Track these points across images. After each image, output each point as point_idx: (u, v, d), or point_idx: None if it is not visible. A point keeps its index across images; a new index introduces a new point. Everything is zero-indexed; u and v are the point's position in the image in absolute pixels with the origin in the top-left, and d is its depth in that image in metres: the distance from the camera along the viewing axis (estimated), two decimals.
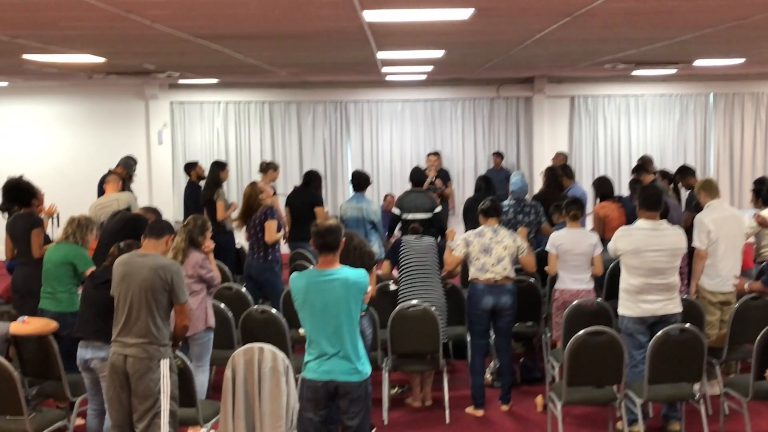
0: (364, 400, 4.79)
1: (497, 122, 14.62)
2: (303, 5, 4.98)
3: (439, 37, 6.90)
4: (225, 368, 5.28)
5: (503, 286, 6.64)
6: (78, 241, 6.47)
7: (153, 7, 4.89)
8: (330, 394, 4.76)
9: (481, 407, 6.77)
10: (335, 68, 10.72)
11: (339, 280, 4.72)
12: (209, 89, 14.17)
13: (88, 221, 6.59)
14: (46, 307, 6.41)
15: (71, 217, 6.66)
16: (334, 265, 4.78)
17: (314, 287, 4.74)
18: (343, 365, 4.71)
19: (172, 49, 7.38)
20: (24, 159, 13.33)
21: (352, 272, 4.78)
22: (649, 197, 6.16)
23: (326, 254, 4.77)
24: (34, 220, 7.19)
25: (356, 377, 4.73)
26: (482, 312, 6.66)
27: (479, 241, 6.68)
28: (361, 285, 4.77)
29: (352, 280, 4.73)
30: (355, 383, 4.73)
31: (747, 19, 5.84)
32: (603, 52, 8.75)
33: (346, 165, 14.48)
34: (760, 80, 14.15)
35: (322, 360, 4.73)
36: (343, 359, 4.71)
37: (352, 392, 4.73)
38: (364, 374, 4.77)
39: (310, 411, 4.81)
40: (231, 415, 5.19)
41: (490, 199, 7.03)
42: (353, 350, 4.73)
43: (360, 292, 4.77)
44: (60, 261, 6.42)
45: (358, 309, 4.78)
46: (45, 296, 6.48)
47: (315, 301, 4.72)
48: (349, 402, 4.75)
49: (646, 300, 6.01)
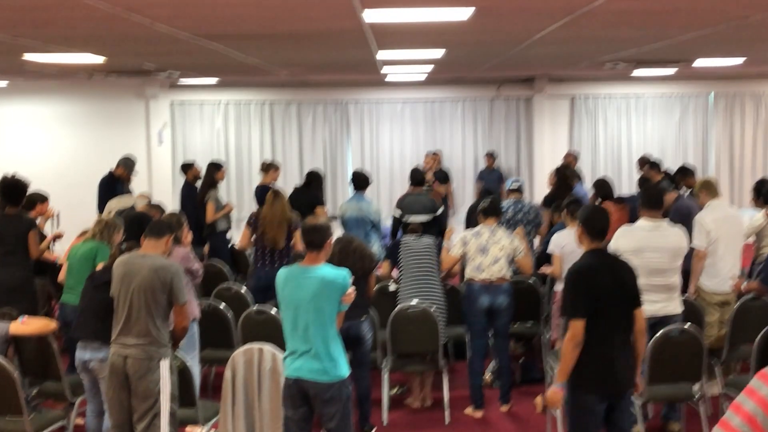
0: (339, 402, 4.70)
1: (497, 122, 14.62)
2: (303, 5, 4.98)
3: (439, 37, 6.90)
4: (225, 368, 5.30)
5: (499, 286, 6.63)
6: (105, 240, 6.54)
7: (153, 6, 4.89)
8: (302, 393, 4.73)
9: (480, 408, 6.77)
10: (335, 68, 10.72)
11: (315, 277, 4.70)
12: (209, 89, 14.18)
13: (115, 222, 6.68)
14: (68, 301, 6.46)
15: (99, 218, 6.78)
16: (317, 262, 4.79)
17: (291, 282, 4.75)
18: (311, 364, 4.67)
19: (172, 49, 7.38)
20: (24, 159, 13.34)
21: (330, 271, 4.75)
22: (651, 197, 6.16)
23: (311, 251, 4.80)
24: (30, 222, 7.20)
25: (325, 378, 4.66)
26: (478, 312, 6.65)
27: (476, 240, 6.68)
28: (338, 284, 4.71)
29: (328, 278, 4.70)
30: (324, 384, 4.66)
31: (747, 19, 5.83)
32: (603, 52, 8.75)
33: (346, 165, 14.49)
34: (760, 80, 14.16)
35: (294, 357, 4.73)
36: (313, 358, 4.67)
37: (322, 393, 4.67)
38: (335, 376, 4.68)
39: (289, 409, 4.79)
40: (231, 415, 5.20)
41: (490, 198, 7.02)
42: (324, 350, 4.67)
43: (336, 291, 4.70)
44: (84, 256, 6.48)
45: (333, 309, 4.71)
46: (67, 290, 6.55)
47: (289, 297, 4.73)
48: (321, 403, 4.71)
49: (647, 300, 5.98)
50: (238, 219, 13.64)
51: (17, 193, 7.31)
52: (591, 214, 4.80)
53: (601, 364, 4.49)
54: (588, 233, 4.71)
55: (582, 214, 4.83)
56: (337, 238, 6.63)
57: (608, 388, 4.53)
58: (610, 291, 4.56)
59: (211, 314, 6.62)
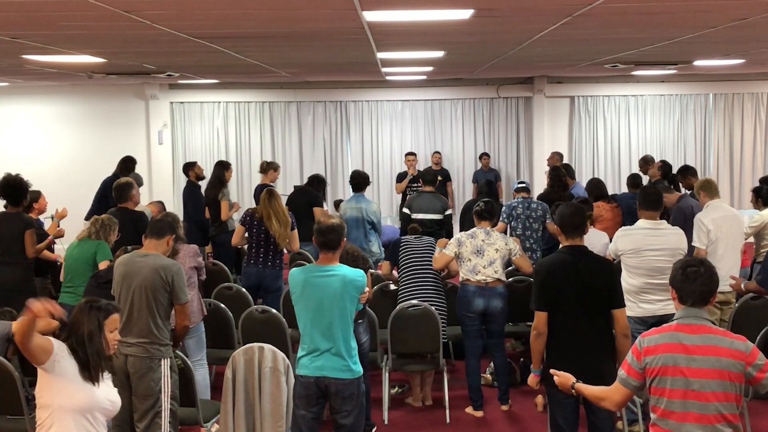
0: (357, 398, 4.80)
1: (497, 122, 14.63)
2: (303, 5, 4.99)
3: (439, 37, 6.90)
4: (225, 368, 5.30)
5: (494, 289, 6.63)
6: (102, 239, 6.55)
7: (153, 7, 4.89)
8: (321, 391, 4.77)
9: (480, 407, 6.78)
10: (335, 68, 10.72)
11: (337, 276, 4.74)
12: (209, 89, 14.18)
13: (111, 221, 6.71)
14: (66, 302, 6.45)
15: (95, 217, 6.78)
16: (333, 262, 4.81)
17: (311, 282, 4.76)
18: (335, 362, 4.72)
19: (172, 49, 7.38)
20: (24, 159, 13.35)
21: (350, 271, 4.81)
22: (649, 197, 6.17)
23: (326, 252, 4.82)
24: (27, 221, 7.20)
25: (348, 375, 4.74)
26: (473, 314, 6.65)
27: (471, 242, 6.67)
28: (358, 283, 4.78)
29: (349, 277, 4.76)
30: (347, 381, 4.74)
31: (747, 19, 5.84)
32: (603, 52, 8.75)
33: (346, 165, 14.49)
34: (760, 80, 14.16)
35: (314, 356, 4.74)
36: (336, 356, 4.72)
37: (344, 390, 4.74)
38: (356, 372, 4.78)
39: (302, 408, 4.81)
40: (231, 415, 5.20)
41: (485, 201, 7.01)
42: (346, 348, 4.74)
43: (357, 290, 4.78)
44: (82, 256, 6.48)
45: (353, 308, 4.79)
46: (65, 290, 6.55)
47: (311, 296, 4.74)
48: (341, 400, 4.76)
49: (647, 300, 6.02)
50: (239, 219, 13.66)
51: (18, 193, 7.31)
52: (564, 211, 4.94)
53: (562, 358, 4.62)
54: (562, 230, 4.91)
55: (557, 212, 5.02)
56: None
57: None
58: (571, 287, 4.71)
59: (212, 313, 6.62)
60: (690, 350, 3.39)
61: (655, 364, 3.42)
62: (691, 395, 3.37)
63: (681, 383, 3.39)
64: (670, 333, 3.46)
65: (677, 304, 3.55)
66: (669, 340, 3.44)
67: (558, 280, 4.74)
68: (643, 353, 3.47)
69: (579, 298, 4.71)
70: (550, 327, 4.76)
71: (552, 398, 4.88)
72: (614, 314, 4.77)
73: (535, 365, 4.94)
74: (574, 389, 3.86)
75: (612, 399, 3.64)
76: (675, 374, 3.39)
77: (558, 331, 4.75)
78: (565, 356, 4.64)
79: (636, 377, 3.51)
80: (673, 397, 3.40)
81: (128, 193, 7.57)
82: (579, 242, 4.88)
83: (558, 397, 4.75)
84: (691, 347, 3.39)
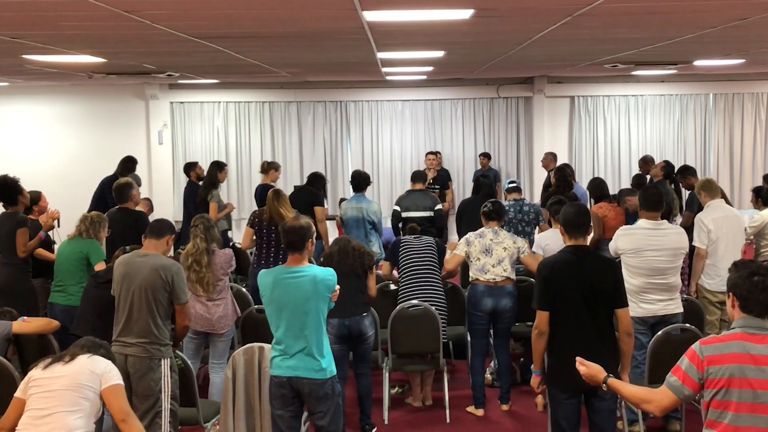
0: (332, 398, 4.78)
1: (497, 122, 14.62)
2: (303, 5, 4.98)
3: (439, 37, 6.90)
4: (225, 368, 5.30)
5: (503, 288, 6.64)
6: (92, 237, 6.53)
7: (153, 7, 4.89)
8: (295, 392, 4.76)
9: (481, 406, 6.78)
10: (335, 68, 10.72)
11: (307, 277, 4.72)
12: (209, 89, 14.17)
13: (100, 218, 6.69)
14: (56, 301, 6.44)
15: (84, 214, 6.73)
16: (302, 263, 4.80)
17: (281, 284, 4.74)
18: (307, 362, 4.71)
19: (172, 49, 7.38)
20: (24, 159, 13.35)
21: (320, 270, 4.80)
22: (650, 197, 6.17)
23: (292, 252, 4.80)
24: (19, 219, 7.15)
25: (320, 375, 4.72)
26: (482, 314, 6.66)
27: (480, 241, 6.69)
28: (328, 283, 4.77)
29: (320, 277, 4.74)
30: (319, 381, 4.72)
31: (747, 19, 5.84)
32: (603, 52, 8.75)
33: (346, 165, 14.48)
34: (760, 80, 14.15)
35: (286, 356, 4.74)
36: (308, 356, 4.71)
37: (317, 390, 4.72)
38: (329, 372, 4.76)
39: (279, 408, 4.81)
40: (231, 415, 5.20)
41: (492, 201, 7.04)
42: (318, 348, 4.72)
43: (328, 290, 4.77)
44: (73, 255, 6.45)
45: (325, 307, 4.78)
46: (55, 290, 6.52)
47: (281, 298, 4.73)
48: (315, 401, 4.75)
49: (647, 300, 6.02)
50: (238, 219, 13.66)
51: (12, 193, 7.26)
52: (567, 211, 4.92)
53: (563, 358, 4.59)
54: (565, 230, 4.88)
55: (561, 213, 5.01)
56: (335, 238, 6.68)
57: (568, 382, 4.61)
58: (573, 287, 4.68)
59: None
60: (759, 360, 3.17)
61: (721, 375, 3.20)
62: (759, 408, 3.16)
63: (749, 396, 3.17)
64: (737, 342, 3.22)
65: (737, 312, 3.29)
66: (737, 350, 3.20)
67: (561, 280, 4.73)
68: (706, 362, 3.23)
69: (582, 298, 4.69)
70: (552, 326, 4.75)
71: (553, 398, 4.86)
72: (618, 314, 4.76)
73: (536, 365, 4.94)
74: (606, 384, 3.65)
75: (660, 404, 3.41)
76: (742, 386, 3.17)
77: (560, 331, 4.73)
78: (567, 356, 4.60)
79: (692, 387, 3.28)
80: (741, 411, 3.18)
81: (128, 193, 7.57)
82: (582, 242, 4.86)
83: (559, 397, 4.74)
84: (759, 357, 3.18)
